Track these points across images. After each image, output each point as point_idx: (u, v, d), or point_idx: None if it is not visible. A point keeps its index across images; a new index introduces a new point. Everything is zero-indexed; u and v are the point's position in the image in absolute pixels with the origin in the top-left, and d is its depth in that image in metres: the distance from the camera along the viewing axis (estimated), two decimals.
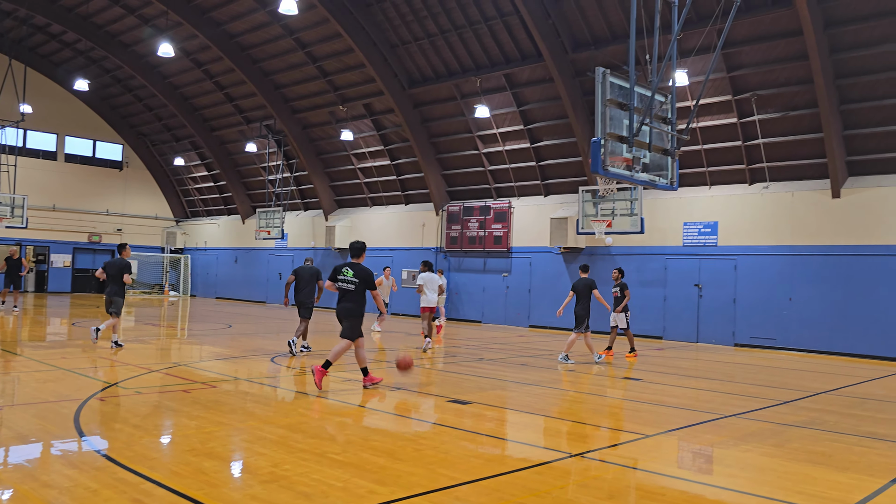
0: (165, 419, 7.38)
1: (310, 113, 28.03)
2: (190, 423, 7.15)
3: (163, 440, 6.46)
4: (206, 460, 5.72)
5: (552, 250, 22.39)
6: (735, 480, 5.92)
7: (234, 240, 34.89)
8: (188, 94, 31.52)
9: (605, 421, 8.31)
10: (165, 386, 9.38)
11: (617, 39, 19.25)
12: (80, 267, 35.20)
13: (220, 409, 7.77)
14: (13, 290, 21.05)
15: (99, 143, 36.14)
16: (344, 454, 6.15)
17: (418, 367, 12.58)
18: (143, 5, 26.56)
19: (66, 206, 34.60)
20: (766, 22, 17.06)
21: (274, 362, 12.19)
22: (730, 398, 10.23)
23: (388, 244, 27.42)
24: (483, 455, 6.34)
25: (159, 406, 8.00)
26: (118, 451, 6.01)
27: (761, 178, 18.89)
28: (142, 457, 5.74)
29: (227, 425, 7.03)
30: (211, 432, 6.72)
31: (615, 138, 9.55)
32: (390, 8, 22.47)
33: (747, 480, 5.91)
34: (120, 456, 5.78)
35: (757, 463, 6.49)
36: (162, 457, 5.80)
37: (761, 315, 18.31)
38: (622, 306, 15.04)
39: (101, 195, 35.94)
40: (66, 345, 14.00)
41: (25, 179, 31.69)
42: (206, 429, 6.87)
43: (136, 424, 6.94)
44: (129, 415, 7.38)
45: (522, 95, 22.27)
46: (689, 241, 19.76)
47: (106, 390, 8.70)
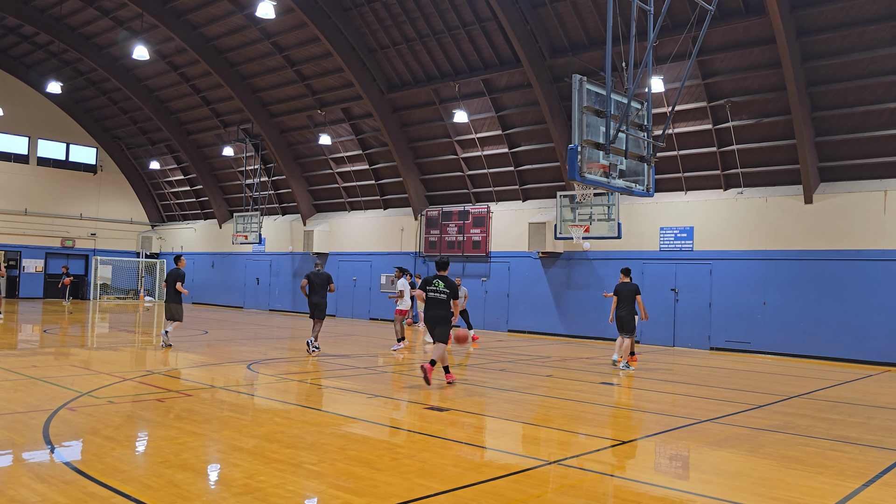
0: (138, 430, 7.27)
1: (287, 117, 27.89)
2: (163, 434, 7.05)
3: (135, 451, 6.37)
4: (178, 472, 5.64)
5: (531, 255, 22.46)
6: (710, 486, 5.96)
7: (210, 244, 34.59)
8: (164, 97, 31.22)
9: (582, 427, 8.33)
10: (139, 395, 9.26)
11: (594, 46, 19.38)
12: (53, 272, 34.67)
13: (194, 419, 7.68)
14: None
15: (72, 147, 35.64)
16: (320, 464, 6.10)
17: (398, 373, 12.54)
18: (118, 7, 26.27)
19: (39, 211, 34.07)
20: (739, 30, 17.28)
21: (250, 369, 12.08)
22: (705, 402, 10.32)
23: (367, 249, 27.34)
24: (460, 463, 6.32)
25: (132, 416, 7.88)
26: (89, 463, 5.92)
27: (736, 184, 19.11)
28: (113, 469, 5.65)
29: (201, 435, 6.95)
30: (184, 443, 6.64)
31: (592, 145, 9.61)
32: (369, 13, 22.43)
33: (722, 486, 5.95)
34: (90, 469, 5.68)
35: (731, 468, 6.55)
36: (134, 469, 5.71)
37: (736, 319, 18.50)
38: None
39: (75, 199, 35.44)
40: (38, 353, 13.76)
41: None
42: (179, 439, 6.78)
43: (108, 435, 6.83)
44: (100, 425, 7.27)
45: (501, 100, 22.33)
46: (666, 246, 19.93)
47: (77, 400, 8.56)
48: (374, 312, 26.75)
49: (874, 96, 16.53)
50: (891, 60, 15.99)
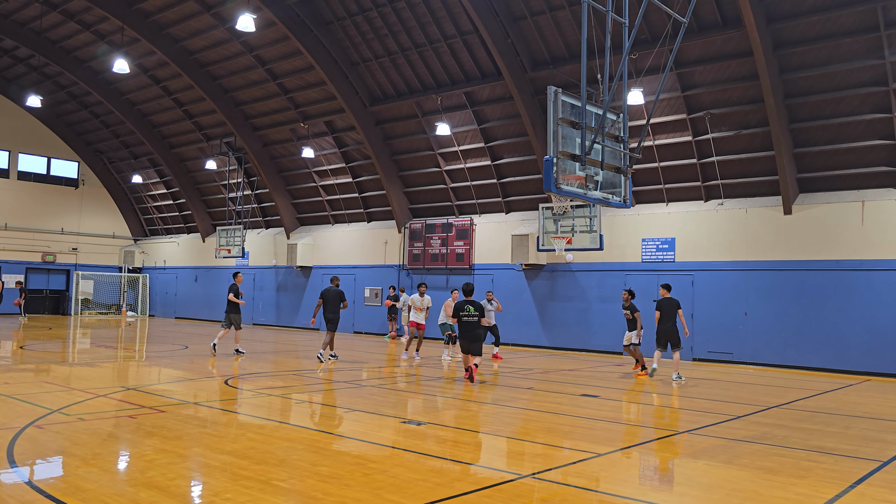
0: (106, 447, 7.14)
1: (270, 130, 27.83)
2: (131, 451, 6.93)
3: (100, 469, 6.24)
4: (143, 490, 5.53)
5: (514, 267, 22.45)
6: (685, 499, 5.92)
7: (194, 258, 34.35)
8: (146, 110, 31.07)
9: (559, 440, 8.27)
10: (111, 411, 9.11)
11: (574, 58, 19.48)
12: (33, 287, 34.29)
13: (165, 436, 7.56)
14: None
15: (54, 161, 35.37)
16: (289, 481, 6.01)
17: (378, 387, 12.44)
18: (99, 21, 26.17)
19: (19, 225, 33.73)
20: (717, 43, 17.43)
21: (228, 385, 11.94)
22: (684, 414, 10.29)
23: (351, 262, 27.24)
24: (433, 478, 6.24)
25: (101, 433, 7.74)
26: (50, 482, 5.79)
27: (716, 195, 19.21)
28: (75, 488, 5.53)
29: (170, 452, 6.83)
30: (152, 460, 6.52)
31: (568, 156, 9.62)
32: (351, 26, 22.47)
33: (696, 498, 5.91)
34: (52, 488, 5.56)
35: (707, 480, 6.51)
36: (97, 488, 5.59)
37: (718, 330, 18.55)
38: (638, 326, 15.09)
39: (56, 214, 35.13)
40: (11, 369, 13.54)
41: None
42: (147, 456, 6.66)
43: (74, 453, 6.70)
44: (67, 443, 7.13)
45: (483, 113, 22.39)
46: (648, 257, 19.97)
47: (46, 417, 8.41)
48: (359, 326, 26.63)
49: (850, 108, 16.70)
50: (866, 72, 16.17)
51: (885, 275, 16.36)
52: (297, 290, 29.18)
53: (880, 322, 16.31)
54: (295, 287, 29.25)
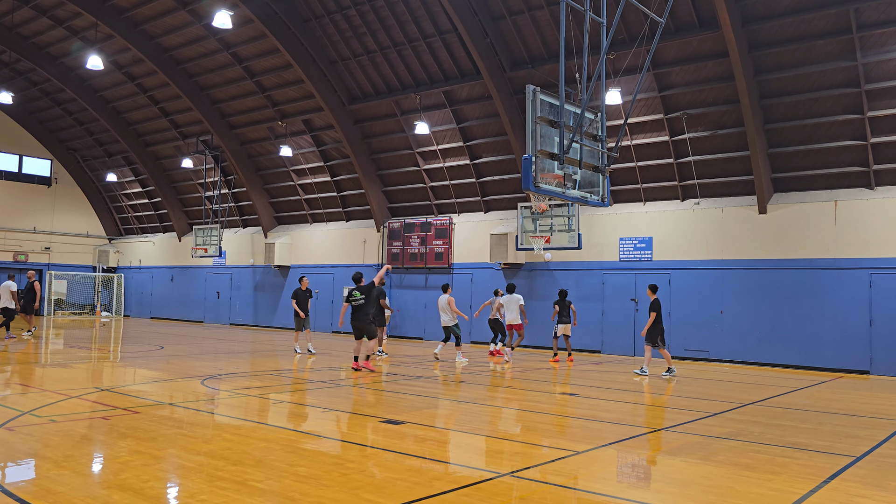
0: (79, 449, 7.02)
1: (248, 129, 27.61)
2: (104, 453, 6.82)
3: (72, 472, 6.13)
4: (116, 493, 5.44)
5: (493, 266, 22.48)
6: (661, 495, 5.95)
7: (170, 258, 33.99)
8: (121, 108, 30.68)
9: (537, 438, 8.28)
10: (84, 413, 8.97)
11: (553, 58, 19.55)
12: None
13: (138, 437, 7.45)
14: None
15: (25, 159, 34.79)
16: (266, 481, 5.95)
17: (357, 387, 12.38)
18: (72, 17, 25.79)
19: None
20: (694, 44, 17.58)
21: (205, 385, 11.82)
22: (661, 411, 10.36)
23: (330, 261, 27.11)
24: (411, 477, 6.22)
25: (74, 435, 7.62)
26: (20, 485, 5.68)
27: (693, 195, 19.38)
28: (46, 491, 5.43)
29: (144, 454, 6.73)
30: (126, 462, 6.42)
31: (546, 155, 9.64)
32: (329, 24, 22.35)
33: (673, 495, 5.94)
34: (22, 491, 5.45)
35: (683, 477, 6.55)
36: (68, 490, 5.49)
37: (694, 328, 18.72)
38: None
39: (28, 212, 34.55)
40: None
41: None
42: (120, 458, 6.56)
43: (45, 456, 6.58)
44: (38, 445, 7.01)
45: (462, 112, 22.39)
46: (626, 256, 20.10)
47: (17, 419, 8.25)
48: (337, 325, 26.47)
49: (824, 109, 16.93)
50: (839, 74, 16.41)
51: (857, 273, 16.61)
52: (274, 289, 28.98)
53: (852, 320, 16.56)
54: (273, 287, 29.06)
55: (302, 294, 18.03)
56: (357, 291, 14.20)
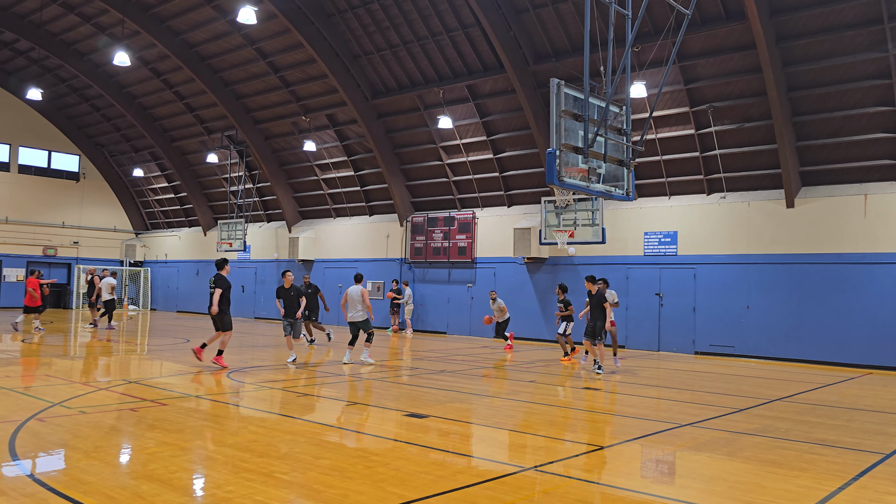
0: (107, 440, 7.13)
1: (272, 123, 27.78)
2: (133, 444, 6.93)
3: (102, 462, 6.23)
4: (144, 483, 5.53)
5: (516, 260, 22.43)
6: (686, 491, 5.91)
7: (195, 252, 34.34)
8: (147, 103, 31.02)
9: (562, 432, 8.26)
10: (113, 404, 9.11)
11: (577, 51, 19.40)
12: None
13: (166, 428, 7.56)
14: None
15: (54, 154, 35.33)
16: (291, 473, 6.00)
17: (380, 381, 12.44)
18: (100, 13, 26.10)
19: (20, 219, 33.72)
20: (720, 35, 17.35)
21: (230, 378, 11.94)
22: (687, 407, 10.28)
23: (353, 255, 27.22)
24: (435, 471, 6.23)
25: (103, 426, 7.74)
26: (52, 475, 5.79)
27: (719, 189, 19.16)
28: (77, 481, 5.53)
29: (172, 445, 6.83)
30: (154, 453, 6.51)
31: (570, 149, 9.58)
32: (352, 18, 22.40)
33: (698, 490, 5.90)
34: (53, 481, 5.56)
35: (709, 472, 6.50)
36: (98, 480, 5.59)
37: (720, 323, 18.52)
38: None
39: (57, 207, 35.11)
40: (13, 362, 13.55)
41: None
42: (149, 449, 6.66)
43: (75, 446, 6.70)
44: (68, 436, 7.13)
45: (485, 106, 22.33)
46: (650, 251, 19.94)
47: (48, 410, 8.41)
48: None
49: (853, 101, 16.63)
50: (869, 65, 16.10)
51: (888, 268, 16.32)
52: (298, 283, 29.10)
53: (882, 315, 16.28)
54: (296, 281, 29.16)
55: (286, 292, 14.98)
56: (211, 279, 13.14)
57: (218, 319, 13.18)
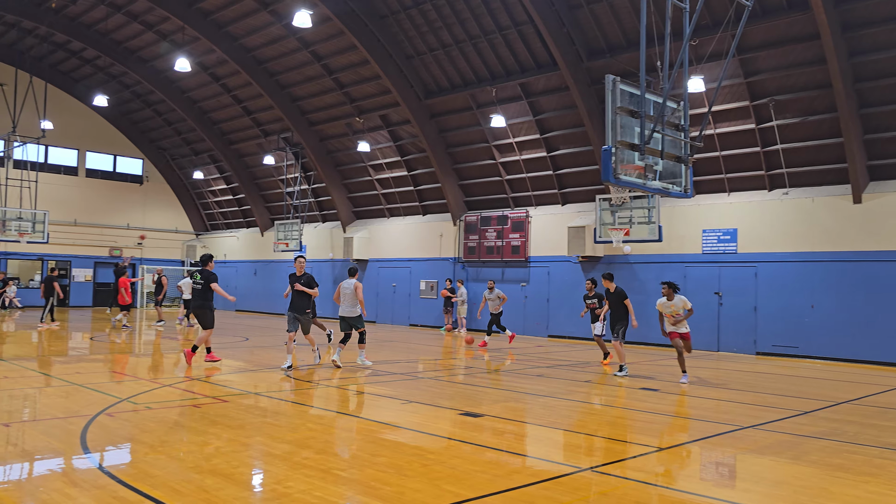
0: (172, 435, 7.35)
1: (326, 125, 28.17)
2: (196, 439, 7.11)
3: (167, 456, 6.43)
4: (208, 477, 5.67)
5: (570, 259, 22.22)
6: (749, 495, 5.76)
7: (253, 252, 35.08)
8: (206, 107, 31.84)
9: (619, 433, 8.15)
10: (176, 401, 9.38)
11: (632, 46, 19.11)
12: (102, 281, 35.56)
13: (228, 425, 7.74)
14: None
15: (119, 158, 36.60)
16: (349, 470, 6.08)
17: (435, 379, 12.48)
18: (161, 21, 26.89)
19: (88, 221, 35.04)
20: (782, 26, 16.85)
21: (288, 375, 12.16)
22: (748, 409, 10.02)
23: (406, 255, 27.40)
24: (491, 470, 6.23)
25: (167, 421, 7.98)
26: (121, 468, 6.00)
27: (781, 184, 18.61)
28: (144, 474, 5.71)
29: (233, 441, 6.99)
30: (216, 448, 6.68)
31: (626, 146, 9.44)
32: (405, 19, 22.54)
33: (762, 495, 5.74)
34: (122, 473, 5.75)
35: (773, 476, 6.32)
36: (165, 474, 5.76)
37: (783, 323, 18.00)
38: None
39: (122, 209, 36.38)
40: (83, 359, 14.08)
41: (47, 195, 32.28)
42: (211, 444, 6.83)
43: (142, 440, 6.92)
44: (136, 431, 7.37)
45: (538, 104, 22.18)
46: (709, 249, 19.51)
47: (116, 406, 8.71)
48: (414, 318, 26.77)
49: None
50: None
51: None
52: None
53: None
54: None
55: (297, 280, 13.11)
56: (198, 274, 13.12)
57: (206, 316, 12.99)
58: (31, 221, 28.87)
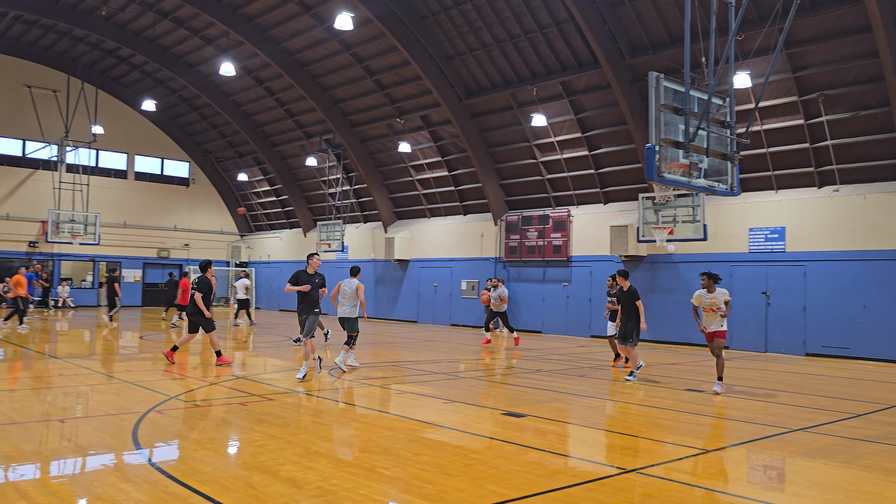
0: (220, 432, 7.49)
1: (368, 126, 28.38)
2: (243, 437, 7.24)
3: (215, 453, 6.56)
4: (255, 474, 5.77)
5: (613, 259, 22.00)
6: (801, 499, 5.63)
7: (296, 253, 35.53)
8: (250, 110, 32.36)
9: (663, 435, 8.04)
10: (223, 399, 9.56)
11: (675, 43, 18.83)
12: (150, 281, 36.41)
13: (273, 423, 7.86)
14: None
15: (167, 161, 37.46)
16: (393, 469, 6.12)
17: (476, 379, 12.48)
18: (207, 26, 27.43)
19: (136, 223, 35.93)
20: (831, 19, 16.42)
21: (331, 375, 12.28)
22: (798, 411, 9.79)
23: (447, 255, 27.44)
24: (534, 470, 6.20)
25: (215, 419, 8.14)
26: (171, 464, 6.14)
27: (831, 181, 18.14)
28: (193, 470, 5.84)
29: (279, 438, 7.10)
30: (263, 445, 6.79)
31: (670, 144, 9.32)
32: (445, 20, 22.58)
33: (813, 499, 5.61)
34: (172, 469, 5.89)
35: (825, 480, 6.17)
36: (213, 470, 5.88)
37: (833, 323, 17.53)
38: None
39: (169, 211, 37.23)
40: (134, 357, 14.44)
41: (98, 198, 33.29)
42: (258, 442, 6.95)
43: (191, 437, 7.08)
44: (184, 428, 7.54)
45: (579, 103, 22.01)
46: (756, 248, 19.11)
47: (165, 403, 8.91)
48: (455, 318, 26.80)
49: None
50: None
51: None
52: (394, 283, 29.68)
53: None
54: (393, 280, 29.77)
55: (309, 279, 11.79)
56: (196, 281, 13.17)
57: (204, 321, 12.95)
58: (83, 224, 29.78)
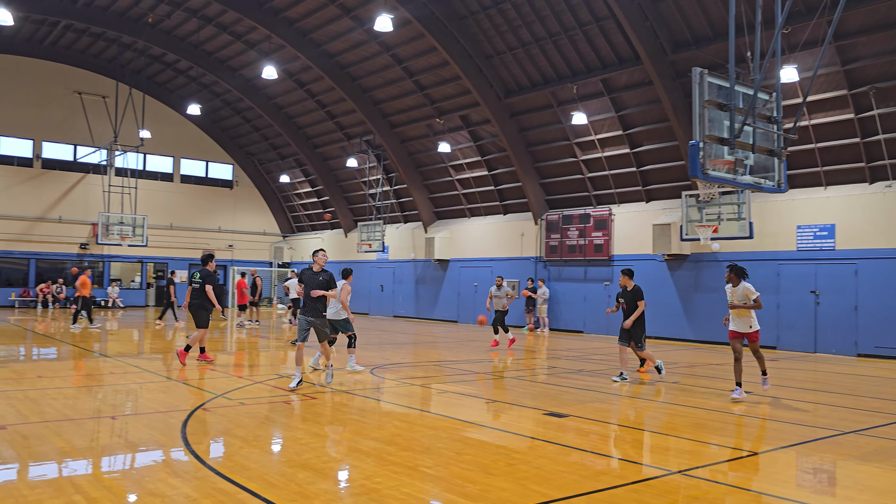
0: (265, 430, 7.61)
1: (408, 127, 28.51)
2: (288, 434, 7.34)
3: (261, 450, 6.66)
4: (300, 471, 5.85)
5: (655, 257, 21.71)
6: (852, 503, 5.48)
7: (337, 253, 35.86)
8: (292, 113, 32.78)
9: (709, 436, 7.91)
10: (268, 397, 9.70)
11: (719, 37, 18.51)
12: None
13: (318, 421, 7.95)
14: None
15: (211, 164, 38.20)
16: (435, 468, 6.13)
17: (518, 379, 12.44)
18: (249, 31, 27.87)
19: (182, 225, 36.71)
20: (882, 10, 15.95)
21: (374, 374, 12.37)
22: (850, 413, 9.54)
23: (488, 255, 27.41)
24: (578, 471, 6.16)
25: (260, 417, 8.27)
26: (219, 460, 6.25)
27: (883, 177, 17.62)
28: (240, 467, 5.94)
29: (323, 437, 7.18)
30: (307, 443, 6.88)
31: (715, 140, 9.16)
32: (484, 19, 22.56)
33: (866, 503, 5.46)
34: (220, 466, 6.00)
35: (880, 484, 6.00)
36: (259, 467, 5.98)
37: (887, 323, 17.02)
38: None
39: (214, 213, 37.95)
40: None
41: (146, 200, 34.12)
42: (302, 440, 7.03)
43: (237, 435, 7.20)
44: (231, 425, 7.67)
45: (620, 100, 21.78)
46: (804, 246, 18.67)
47: (212, 401, 9.08)
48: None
49: None
50: None
51: None
52: (435, 282, 29.76)
53: None
54: (433, 280, 29.85)
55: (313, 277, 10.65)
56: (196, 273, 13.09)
57: (201, 316, 12.90)
58: (132, 226, 30.56)
